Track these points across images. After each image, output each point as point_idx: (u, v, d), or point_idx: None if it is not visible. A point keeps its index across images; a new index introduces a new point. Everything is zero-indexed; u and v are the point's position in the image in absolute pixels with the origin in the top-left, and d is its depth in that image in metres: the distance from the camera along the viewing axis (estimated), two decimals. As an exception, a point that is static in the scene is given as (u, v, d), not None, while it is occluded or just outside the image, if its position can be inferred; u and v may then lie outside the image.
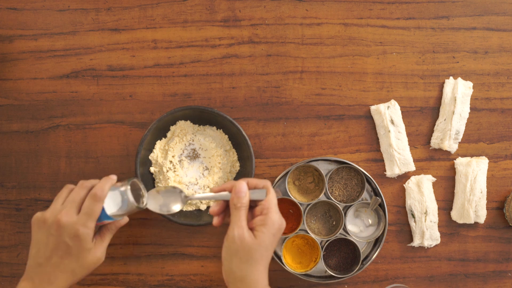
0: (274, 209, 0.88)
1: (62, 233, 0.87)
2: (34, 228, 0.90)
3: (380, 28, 1.12)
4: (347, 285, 1.10)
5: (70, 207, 0.88)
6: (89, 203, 0.88)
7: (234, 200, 0.87)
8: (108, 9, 1.11)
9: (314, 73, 1.11)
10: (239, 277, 0.86)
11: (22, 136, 1.10)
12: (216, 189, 0.90)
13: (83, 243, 0.88)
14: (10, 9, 1.11)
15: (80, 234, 0.87)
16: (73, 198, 0.89)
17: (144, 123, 1.10)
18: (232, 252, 0.86)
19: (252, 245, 0.85)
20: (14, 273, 1.09)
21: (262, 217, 0.87)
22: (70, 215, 0.88)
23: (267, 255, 0.87)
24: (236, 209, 0.87)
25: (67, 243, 0.87)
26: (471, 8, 1.12)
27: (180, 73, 1.11)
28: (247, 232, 0.86)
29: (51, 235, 0.88)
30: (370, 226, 1.10)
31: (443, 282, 1.10)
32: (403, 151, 1.09)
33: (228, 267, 0.87)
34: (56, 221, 0.87)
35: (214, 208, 0.90)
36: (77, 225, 0.87)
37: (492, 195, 1.11)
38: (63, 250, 0.88)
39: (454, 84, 1.10)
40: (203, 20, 1.11)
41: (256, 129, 1.11)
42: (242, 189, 0.88)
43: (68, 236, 0.87)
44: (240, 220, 0.86)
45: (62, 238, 0.87)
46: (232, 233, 0.86)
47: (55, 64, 1.11)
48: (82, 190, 0.90)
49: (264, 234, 0.86)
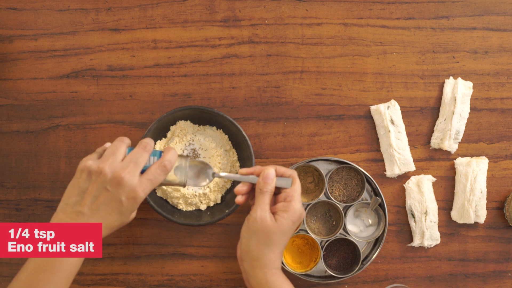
0: (297, 198, 0.91)
1: (120, 192, 0.86)
2: (82, 176, 0.87)
3: (380, 28, 1.12)
4: (347, 285, 1.10)
5: (134, 167, 0.87)
6: (157, 172, 0.88)
7: (261, 184, 0.90)
8: (108, 9, 1.11)
9: (314, 73, 1.11)
10: (255, 256, 0.89)
11: (22, 136, 1.10)
12: (245, 171, 0.93)
13: (136, 205, 0.88)
14: (10, 9, 1.11)
15: (138, 197, 0.87)
16: (136, 159, 0.87)
17: (144, 123, 1.10)
18: (252, 232, 0.89)
19: (272, 228, 0.88)
20: (14, 273, 1.09)
21: (285, 203, 0.90)
22: (134, 175, 0.86)
23: (284, 239, 0.90)
24: (261, 193, 0.90)
25: (121, 201, 0.86)
26: (471, 8, 1.12)
27: (180, 73, 1.11)
28: (269, 215, 0.89)
29: (105, 189, 0.86)
30: (370, 226, 1.10)
31: (443, 282, 1.10)
32: (403, 151, 1.09)
33: (246, 245, 0.90)
34: (117, 177, 0.85)
35: (241, 188, 0.93)
36: (139, 188, 0.86)
37: (492, 195, 1.11)
38: (114, 207, 0.86)
39: (454, 84, 1.10)
40: (203, 20, 1.11)
41: (256, 129, 1.11)
42: (270, 175, 0.91)
43: (126, 196, 0.86)
44: (264, 203, 0.89)
45: (118, 196, 0.86)
46: (255, 214, 0.89)
47: (55, 64, 1.11)
48: (145, 153, 0.89)
49: (284, 219, 0.89)
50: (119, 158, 0.88)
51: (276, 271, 0.90)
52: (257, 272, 0.89)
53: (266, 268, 0.89)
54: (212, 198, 1.07)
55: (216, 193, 1.08)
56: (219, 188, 1.08)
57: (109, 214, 0.87)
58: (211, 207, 1.08)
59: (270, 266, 0.89)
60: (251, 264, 0.90)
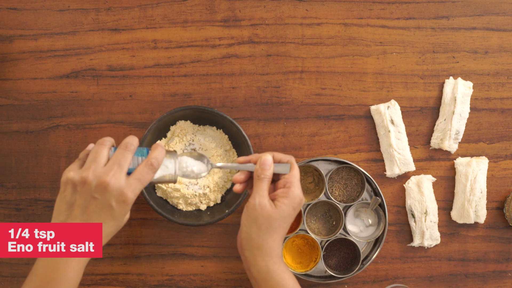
0: (296, 184, 0.90)
1: (109, 197, 0.83)
2: (67, 189, 0.84)
3: (380, 28, 1.12)
4: (347, 285, 1.10)
5: (118, 170, 0.84)
6: (144, 171, 0.85)
7: (259, 171, 0.89)
8: (108, 9, 1.11)
9: (314, 73, 1.11)
10: (256, 244, 0.88)
11: (22, 136, 1.10)
12: (242, 159, 0.93)
13: (128, 207, 0.85)
14: (10, 9, 1.11)
15: (128, 199, 0.84)
16: (119, 161, 0.84)
17: (144, 123, 1.11)
18: (252, 219, 0.88)
19: (272, 214, 0.87)
20: (14, 273, 1.09)
21: (284, 189, 0.89)
22: (119, 178, 0.83)
23: (285, 226, 0.89)
24: (259, 180, 0.89)
25: (112, 206, 0.84)
26: (471, 8, 1.12)
27: (180, 73, 1.11)
28: (268, 201, 0.88)
29: (93, 198, 0.83)
30: (370, 226, 1.10)
31: (443, 282, 1.10)
32: (403, 151, 1.09)
33: (247, 233, 0.89)
34: (102, 183, 0.82)
35: (238, 176, 0.92)
36: (127, 189, 0.84)
37: (492, 195, 1.11)
38: (106, 213, 0.84)
39: (454, 84, 1.10)
40: (203, 20, 1.11)
41: (256, 129, 1.11)
42: (267, 161, 0.90)
43: (116, 200, 0.83)
44: (262, 189, 0.88)
45: (107, 202, 0.83)
46: (253, 201, 0.88)
47: (55, 64, 1.11)
48: (128, 154, 0.85)
49: (284, 205, 0.88)
50: (102, 163, 0.84)
51: (277, 259, 0.89)
52: (259, 261, 0.89)
53: (268, 257, 0.88)
54: (212, 198, 1.07)
55: (216, 193, 1.08)
56: (219, 188, 1.08)
57: (103, 222, 0.84)
58: (211, 207, 1.08)
59: (272, 254, 0.88)
60: (252, 252, 0.89)
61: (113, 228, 0.86)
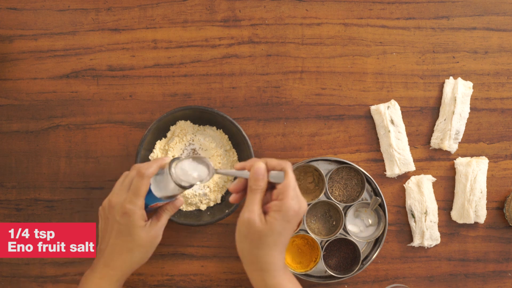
0: (290, 194, 0.83)
1: (114, 213, 0.89)
2: (99, 218, 0.94)
3: (380, 28, 1.12)
4: (347, 285, 1.10)
5: (120, 189, 0.91)
6: (135, 181, 0.89)
7: (251, 182, 0.84)
8: (108, 9, 1.11)
9: (314, 73, 1.11)
10: (249, 260, 0.85)
11: (22, 136, 1.10)
12: (238, 166, 0.87)
13: (132, 219, 0.89)
14: (10, 9, 1.11)
15: (128, 211, 0.88)
16: (122, 181, 0.92)
17: (144, 123, 1.11)
18: (243, 236, 0.84)
19: (262, 230, 0.82)
20: (14, 273, 1.09)
21: (277, 202, 0.83)
22: (120, 195, 0.90)
23: (282, 240, 0.84)
24: (251, 191, 0.84)
25: (118, 222, 0.89)
26: (471, 8, 1.12)
27: (180, 73, 1.11)
28: (257, 217, 0.82)
29: (106, 218, 0.91)
30: (370, 226, 1.10)
31: (443, 282, 1.10)
32: (403, 151, 1.09)
33: (240, 249, 0.87)
34: (108, 203, 0.91)
35: (233, 186, 0.88)
36: (125, 202, 0.88)
37: (492, 195, 1.11)
38: (116, 230, 0.90)
39: (454, 84, 1.10)
40: (203, 20, 1.11)
41: (256, 129, 1.11)
42: (259, 171, 0.84)
43: (118, 214, 0.89)
44: (253, 203, 0.83)
45: (114, 218, 0.89)
46: (242, 216, 0.83)
47: (55, 64, 1.11)
48: (132, 171, 0.92)
49: (276, 220, 0.82)
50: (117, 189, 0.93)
51: (277, 273, 0.84)
52: (255, 276, 0.86)
53: (265, 272, 0.84)
54: (212, 198, 1.07)
55: (216, 193, 1.08)
56: (219, 188, 1.08)
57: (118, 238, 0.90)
58: (211, 207, 1.08)
59: (269, 269, 0.84)
60: (248, 268, 0.86)
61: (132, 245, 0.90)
